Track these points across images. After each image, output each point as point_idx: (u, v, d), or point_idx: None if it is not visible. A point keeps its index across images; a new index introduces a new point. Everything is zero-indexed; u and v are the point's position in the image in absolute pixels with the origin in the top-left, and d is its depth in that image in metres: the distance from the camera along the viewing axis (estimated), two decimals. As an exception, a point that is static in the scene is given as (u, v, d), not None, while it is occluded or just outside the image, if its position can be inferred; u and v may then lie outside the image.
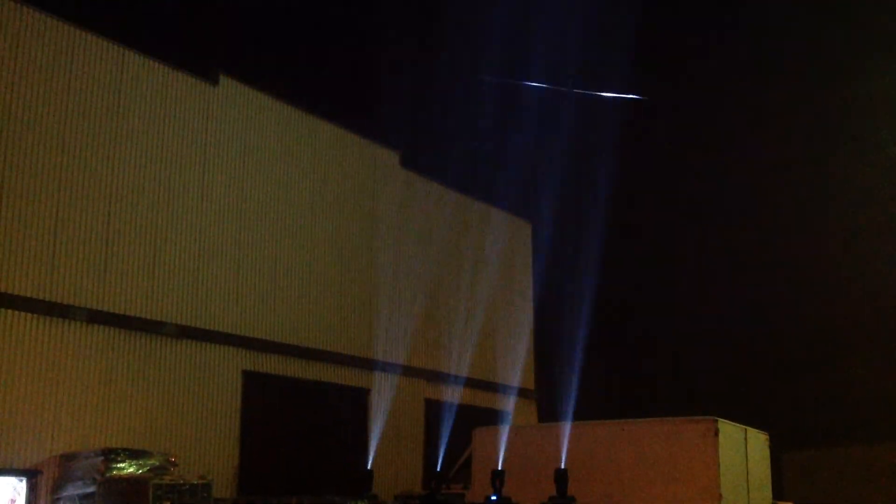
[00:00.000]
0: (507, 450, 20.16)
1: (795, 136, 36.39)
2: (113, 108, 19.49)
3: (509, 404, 29.42)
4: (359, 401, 24.24)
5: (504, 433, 21.55)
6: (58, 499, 16.64)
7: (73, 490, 16.43)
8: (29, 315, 17.40)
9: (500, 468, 18.51)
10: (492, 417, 26.62)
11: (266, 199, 22.72)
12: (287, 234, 23.13)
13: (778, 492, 22.48)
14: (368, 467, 20.32)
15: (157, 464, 16.80)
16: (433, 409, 26.10)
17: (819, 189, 35.50)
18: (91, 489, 16.06)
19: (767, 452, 21.24)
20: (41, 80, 18.23)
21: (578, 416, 21.58)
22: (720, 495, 18.30)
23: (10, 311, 17.11)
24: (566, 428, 20.84)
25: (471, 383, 27.79)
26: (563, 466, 18.10)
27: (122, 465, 16.32)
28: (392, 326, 25.71)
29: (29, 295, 17.45)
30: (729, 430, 19.32)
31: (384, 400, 24.82)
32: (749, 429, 20.36)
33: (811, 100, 35.40)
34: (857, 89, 33.87)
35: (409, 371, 25.66)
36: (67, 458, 16.99)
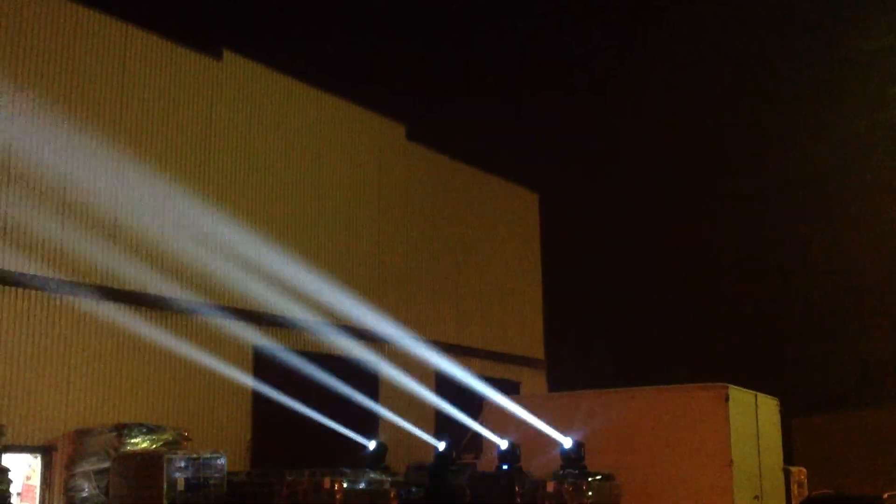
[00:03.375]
0: (517, 420, 20.26)
1: (802, 93, 36.18)
2: (118, 85, 19.44)
3: (519, 374, 29.50)
4: (369, 374, 24.30)
5: (515, 403, 21.64)
6: (72, 475, 16.75)
7: (87, 466, 16.54)
8: (39, 293, 17.45)
9: (509, 438, 18.59)
10: (502, 388, 26.68)
11: (272, 173, 22.69)
12: (294, 209, 23.12)
13: (788, 457, 22.57)
14: (380, 440, 20.41)
15: (171, 438, 16.91)
16: (444, 381, 26.16)
17: (829, 153, 35.35)
18: (105, 464, 16.16)
19: (778, 418, 21.31)
20: (45, 57, 18.18)
21: (588, 385, 21.67)
22: (731, 461, 18.40)
23: (20, 290, 17.15)
24: (577, 397, 20.94)
25: (481, 354, 27.86)
26: (573, 436, 18.18)
27: (135, 440, 16.43)
28: (401, 299, 25.74)
29: (38, 273, 17.49)
30: (739, 396, 19.38)
31: (395, 372, 24.88)
32: (759, 394, 20.42)
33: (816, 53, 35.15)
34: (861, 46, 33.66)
35: (419, 343, 25.68)
36: (81, 435, 17.09)
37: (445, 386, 25.88)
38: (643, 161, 39.06)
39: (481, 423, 21.96)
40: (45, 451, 17.04)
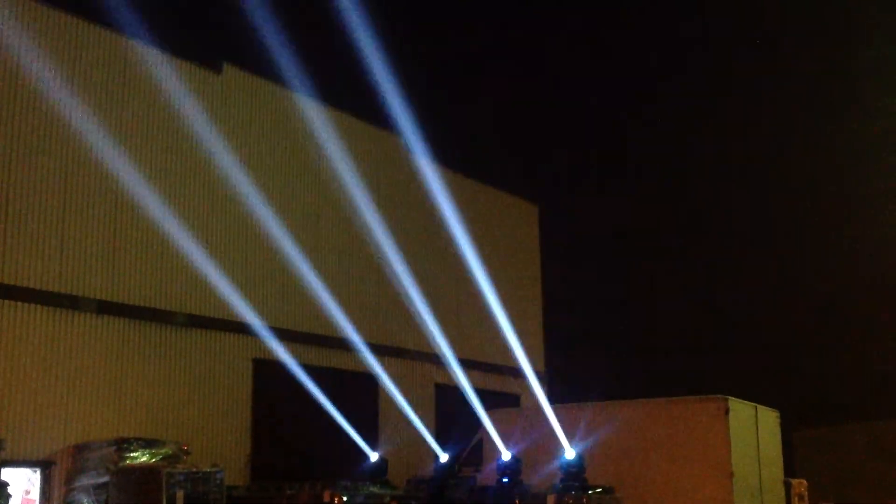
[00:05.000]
0: (517, 432, 20.23)
1: (802, 100, 36.19)
2: (117, 99, 19.49)
3: (520, 387, 29.43)
4: (369, 387, 24.27)
5: (515, 416, 21.62)
6: (72, 489, 16.72)
7: (86, 480, 16.50)
8: (39, 307, 17.44)
9: (509, 451, 18.57)
10: (502, 400, 26.66)
11: (272, 186, 22.70)
12: (294, 222, 23.11)
13: (789, 469, 22.52)
14: (380, 453, 20.39)
15: (170, 453, 16.86)
16: (443, 394, 26.14)
17: (830, 163, 35.36)
18: (104, 479, 16.12)
19: (778, 430, 21.28)
20: (45, 71, 18.20)
21: (588, 398, 21.63)
22: (731, 473, 18.36)
23: (20, 304, 17.15)
24: (577, 409, 20.91)
25: (481, 367, 27.81)
26: (572, 449, 18.16)
27: (135, 454, 16.38)
28: (401, 312, 25.71)
29: (38, 287, 17.48)
30: (740, 409, 19.35)
31: (394, 385, 24.86)
32: (760, 406, 20.39)
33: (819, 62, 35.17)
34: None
35: (418, 356, 25.68)
36: (80, 449, 17.06)
37: (445, 398, 25.88)
38: (643, 172, 39.11)
39: (481, 436, 21.94)
40: (45, 466, 17.01)
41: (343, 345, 23.63)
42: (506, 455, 18.24)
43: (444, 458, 19.88)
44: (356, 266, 24.70)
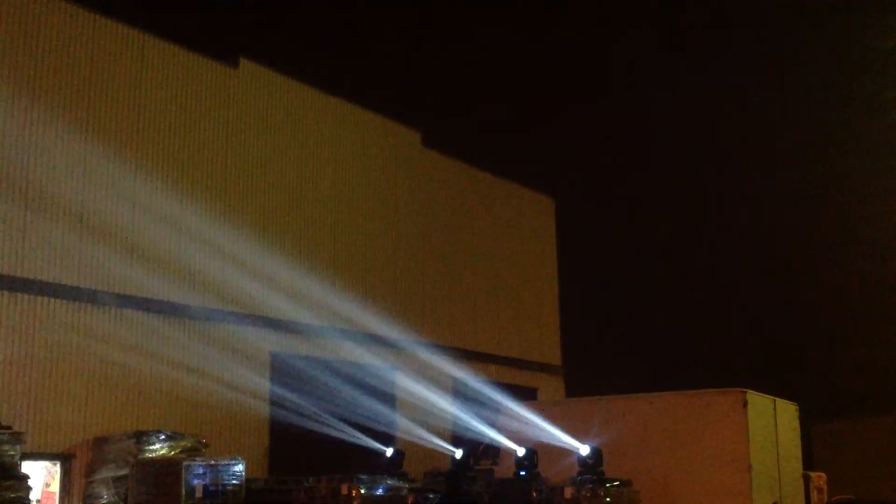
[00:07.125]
0: (535, 426, 20.23)
1: (812, 96, 35.99)
2: (134, 94, 19.52)
3: (537, 380, 29.45)
4: (386, 380, 24.30)
5: (532, 409, 21.62)
6: (92, 482, 16.82)
7: (106, 473, 16.60)
8: (58, 301, 17.52)
9: (528, 444, 18.56)
10: (519, 394, 26.67)
11: (287, 181, 22.75)
12: (309, 216, 23.17)
13: (808, 462, 22.46)
14: (398, 446, 20.39)
15: (189, 445, 16.97)
16: (461, 387, 26.15)
17: (844, 154, 35.18)
18: (124, 471, 16.23)
19: (797, 423, 21.23)
20: (63, 67, 18.28)
21: (606, 391, 21.63)
22: (750, 466, 18.31)
23: (39, 297, 17.23)
24: (594, 402, 20.91)
25: (497, 360, 27.81)
26: (591, 442, 18.14)
27: (154, 447, 16.49)
28: (417, 305, 25.75)
29: (57, 281, 17.57)
30: (758, 402, 19.29)
31: (411, 379, 24.88)
32: (778, 400, 20.34)
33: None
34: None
35: (435, 349, 25.68)
36: (100, 442, 17.15)
37: (462, 392, 25.89)
38: (659, 166, 39.00)
39: (498, 429, 21.94)
40: (65, 459, 17.10)
41: (360, 338, 23.67)
42: (522, 449, 18.23)
43: (460, 451, 19.87)
44: (372, 259, 24.72)
